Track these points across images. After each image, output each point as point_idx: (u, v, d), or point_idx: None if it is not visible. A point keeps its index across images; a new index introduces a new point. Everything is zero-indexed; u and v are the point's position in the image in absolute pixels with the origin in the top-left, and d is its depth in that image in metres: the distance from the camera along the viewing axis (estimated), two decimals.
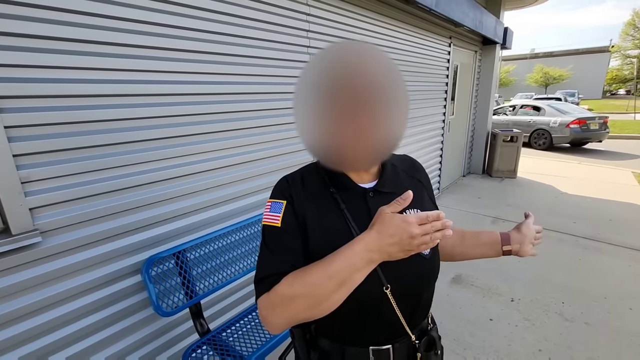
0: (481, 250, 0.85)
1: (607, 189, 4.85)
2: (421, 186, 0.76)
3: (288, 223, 0.64)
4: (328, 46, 0.55)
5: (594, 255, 2.99)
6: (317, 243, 0.63)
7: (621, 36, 31.35)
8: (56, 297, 1.25)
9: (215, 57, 1.66)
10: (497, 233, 0.84)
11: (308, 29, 2.16)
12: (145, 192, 1.48)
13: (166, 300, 1.50)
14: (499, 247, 0.83)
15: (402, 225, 0.52)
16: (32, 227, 1.16)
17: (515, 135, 5.54)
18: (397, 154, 0.80)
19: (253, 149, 1.94)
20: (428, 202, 0.75)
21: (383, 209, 0.56)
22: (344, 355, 0.68)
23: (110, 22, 1.28)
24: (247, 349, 1.49)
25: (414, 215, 0.53)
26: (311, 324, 0.72)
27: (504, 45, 5.66)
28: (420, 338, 0.69)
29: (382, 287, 0.62)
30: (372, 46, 0.55)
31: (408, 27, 3.36)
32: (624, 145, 8.97)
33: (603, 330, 2.06)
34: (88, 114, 1.26)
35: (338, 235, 0.63)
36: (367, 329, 0.66)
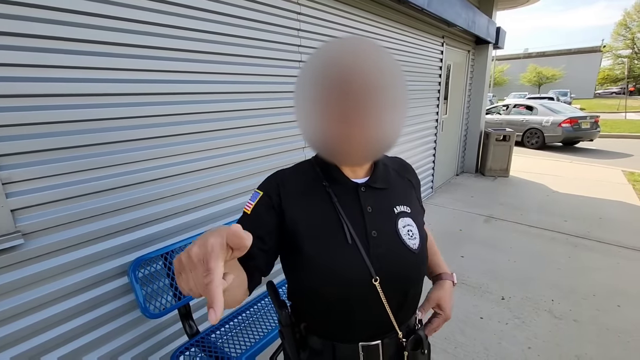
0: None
1: (598, 188, 4.91)
2: (410, 186, 0.78)
3: (256, 212, 0.66)
4: (331, 40, 0.56)
5: (583, 253, 3.02)
6: (307, 235, 0.64)
7: (613, 36, 31.75)
8: (40, 300, 1.23)
9: (203, 56, 1.64)
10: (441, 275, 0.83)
11: (299, 28, 2.15)
12: (133, 193, 1.46)
13: (154, 302, 1.48)
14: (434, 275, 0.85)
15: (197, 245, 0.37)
16: (14, 229, 1.14)
17: (508, 135, 5.58)
18: (388, 155, 0.81)
19: (243, 148, 1.92)
20: (415, 201, 0.77)
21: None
22: (334, 352, 0.68)
23: (94, 20, 1.26)
24: (237, 350, 1.48)
25: (212, 246, 0.36)
26: (300, 323, 0.72)
27: (496, 45, 5.70)
28: (408, 336, 0.70)
29: (372, 279, 0.62)
30: (374, 42, 0.55)
31: (400, 26, 3.36)
32: (615, 144, 9.08)
33: (591, 327, 2.08)
34: (72, 114, 1.24)
35: (329, 229, 0.64)
36: (356, 323, 0.66)
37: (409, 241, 0.67)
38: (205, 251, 0.35)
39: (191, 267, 0.36)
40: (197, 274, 0.35)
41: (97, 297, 1.38)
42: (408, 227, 0.68)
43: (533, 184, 5.27)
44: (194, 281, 0.36)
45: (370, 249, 0.63)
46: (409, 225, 0.69)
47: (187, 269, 0.36)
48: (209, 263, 0.34)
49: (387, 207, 0.69)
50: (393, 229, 0.67)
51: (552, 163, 6.78)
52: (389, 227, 0.67)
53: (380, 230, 0.66)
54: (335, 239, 0.64)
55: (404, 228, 0.68)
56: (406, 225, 0.68)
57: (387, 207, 0.69)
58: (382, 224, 0.67)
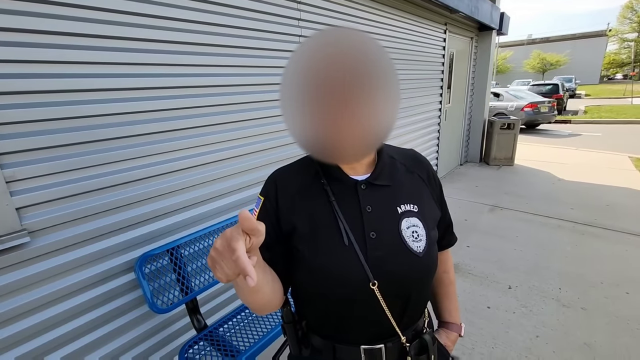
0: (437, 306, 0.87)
1: (604, 175, 4.85)
2: (420, 182, 0.72)
3: (262, 219, 0.63)
4: (311, 34, 0.52)
5: (591, 241, 2.99)
6: (304, 236, 0.62)
7: (619, 19, 31.05)
8: (48, 297, 1.23)
9: (202, 48, 1.61)
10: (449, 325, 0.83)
11: (299, 18, 2.11)
12: (136, 189, 1.45)
13: (161, 297, 1.49)
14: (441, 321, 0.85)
15: (219, 238, 0.44)
16: (19, 227, 1.14)
17: (512, 123, 5.51)
18: (402, 148, 0.77)
19: (245, 142, 1.91)
20: (428, 198, 0.71)
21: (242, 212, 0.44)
22: (335, 353, 0.67)
23: (89, 13, 1.23)
24: (244, 344, 1.49)
25: (231, 232, 0.43)
26: (302, 320, 0.71)
27: (500, 31, 5.59)
28: (413, 340, 0.67)
29: (369, 284, 0.60)
30: (358, 32, 0.51)
31: (403, 14, 3.30)
32: (621, 130, 8.96)
33: (599, 315, 2.07)
34: (74, 110, 1.23)
35: (325, 229, 0.62)
36: (354, 327, 0.65)
37: (412, 243, 0.63)
38: (225, 239, 0.42)
39: (220, 257, 0.43)
40: (226, 259, 0.42)
41: (104, 293, 1.38)
42: (413, 227, 0.64)
43: (538, 172, 5.22)
44: (226, 266, 0.43)
45: (368, 252, 0.60)
46: (415, 226, 0.64)
47: (218, 259, 0.43)
48: (232, 245, 0.41)
49: (389, 206, 0.65)
50: (395, 229, 0.63)
51: (558, 151, 6.70)
52: (391, 227, 0.63)
53: (380, 231, 0.62)
54: (333, 241, 0.61)
55: (408, 229, 0.64)
56: (411, 225, 0.64)
57: (390, 206, 0.65)
58: (382, 225, 0.63)
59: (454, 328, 0.82)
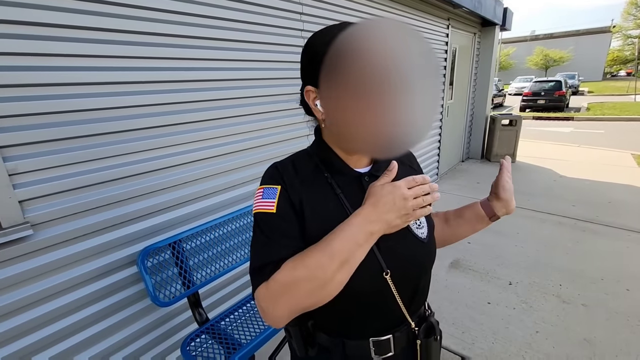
0: (470, 227, 0.82)
1: (606, 172, 4.84)
2: (412, 172, 0.76)
3: (283, 209, 0.61)
4: (355, 25, 0.51)
5: (592, 238, 2.99)
6: (314, 231, 0.61)
7: (623, 16, 30.73)
8: (51, 290, 1.24)
9: (204, 42, 1.60)
10: (479, 206, 0.80)
11: (301, 12, 2.09)
12: (139, 182, 1.46)
13: (163, 290, 1.50)
14: (486, 220, 0.80)
15: (393, 190, 0.55)
16: (22, 220, 1.14)
17: (515, 119, 5.49)
18: None
19: (246, 137, 1.90)
20: None
21: (372, 184, 0.59)
22: (344, 349, 0.66)
23: (95, 6, 1.23)
24: (246, 337, 1.50)
25: (401, 180, 0.57)
26: (308, 321, 0.70)
27: (503, 26, 5.55)
28: (419, 325, 0.68)
29: (382, 273, 0.60)
30: (407, 25, 0.53)
31: (405, 8, 3.27)
32: (624, 127, 8.92)
33: (600, 311, 2.08)
34: (76, 103, 1.23)
35: (336, 222, 0.60)
36: (368, 319, 0.65)
37: (417, 230, 0.65)
38: (414, 181, 0.57)
39: (422, 190, 0.57)
40: (425, 189, 0.57)
41: (106, 286, 1.39)
42: None
43: (540, 168, 5.21)
44: (423, 198, 0.57)
45: (380, 242, 0.60)
46: None
47: (420, 192, 0.57)
48: (424, 179, 0.57)
49: None
50: None
51: (559, 147, 6.68)
52: None
53: None
54: None
55: None
56: None
57: None
58: None
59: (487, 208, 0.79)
